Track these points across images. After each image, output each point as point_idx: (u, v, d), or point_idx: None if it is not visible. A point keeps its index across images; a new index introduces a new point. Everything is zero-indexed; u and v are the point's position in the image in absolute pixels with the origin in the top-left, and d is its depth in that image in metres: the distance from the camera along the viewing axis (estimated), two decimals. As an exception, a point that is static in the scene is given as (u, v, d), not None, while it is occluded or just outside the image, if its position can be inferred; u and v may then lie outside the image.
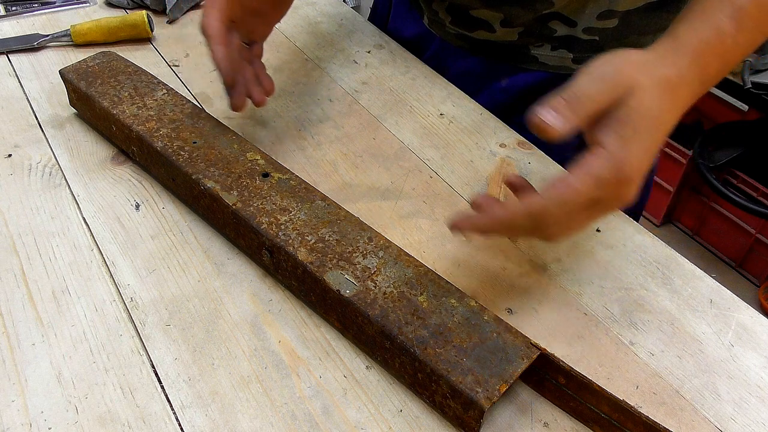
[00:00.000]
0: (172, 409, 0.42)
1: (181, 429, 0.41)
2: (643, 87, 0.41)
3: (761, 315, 0.50)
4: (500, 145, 0.65)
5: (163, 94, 0.61)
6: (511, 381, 0.40)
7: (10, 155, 0.61)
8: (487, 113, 0.70)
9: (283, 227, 0.49)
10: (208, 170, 0.53)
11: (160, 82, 0.63)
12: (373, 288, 0.45)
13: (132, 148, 0.59)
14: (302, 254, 0.47)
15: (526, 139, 0.66)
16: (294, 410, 0.42)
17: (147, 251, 0.52)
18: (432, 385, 0.41)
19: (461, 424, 0.41)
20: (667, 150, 1.87)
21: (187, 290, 0.50)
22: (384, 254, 0.47)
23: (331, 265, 0.46)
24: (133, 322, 0.47)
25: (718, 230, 1.89)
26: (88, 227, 0.54)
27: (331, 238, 0.48)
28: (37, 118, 0.65)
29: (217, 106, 0.68)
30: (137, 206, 0.56)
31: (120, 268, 0.51)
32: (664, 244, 0.56)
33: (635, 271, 0.53)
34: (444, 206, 0.58)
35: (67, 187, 0.58)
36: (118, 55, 0.65)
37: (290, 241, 0.48)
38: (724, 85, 1.55)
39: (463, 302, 0.44)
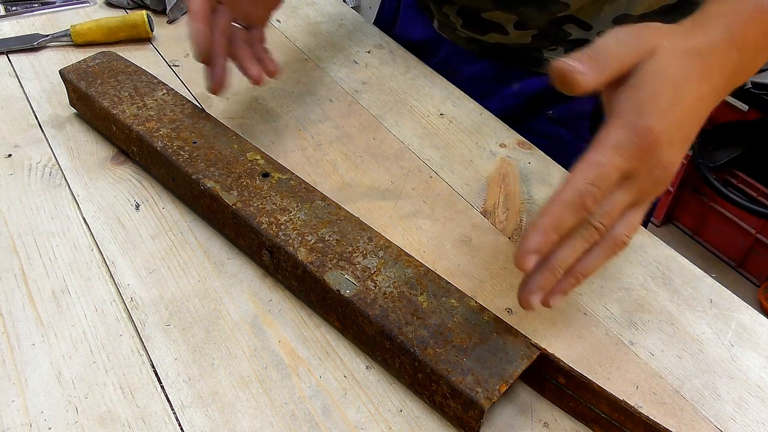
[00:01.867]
0: (172, 409, 0.42)
1: (181, 429, 0.41)
2: (664, 51, 0.39)
3: (761, 315, 0.50)
4: (500, 145, 0.65)
5: (163, 94, 0.61)
6: (511, 381, 0.40)
7: (10, 155, 0.61)
8: (487, 113, 0.70)
9: (283, 227, 0.49)
10: (208, 170, 0.53)
11: (160, 82, 0.63)
12: (373, 288, 0.45)
13: (132, 148, 0.59)
14: (302, 254, 0.47)
15: (527, 139, 0.66)
16: (294, 410, 0.42)
17: (147, 251, 0.52)
18: (432, 385, 0.41)
19: (461, 424, 0.41)
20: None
21: (187, 290, 0.50)
22: (384, 254, 0.47)
23: (331, 265, 0.46)
24: (133, 322, 0.47)
25: (718, 230, 1.89)
26: (88, 227, 0.54)
27: (331, 238, 0.48)
28: (37, 118, 0.65)
29: (217, 106, 0.68)
30: (137, 206, 0.56)
31: (120, 268, 0.51)
32: (664, 244, 0.55)
33: (635, 271, 0.53)
34: (444, 206, 0.58)
35: (67, 187, 0.58)
36: (118, 55, 0.65)
37: (290, 241, 0.48)
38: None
39: (463, 302, 0.44)
